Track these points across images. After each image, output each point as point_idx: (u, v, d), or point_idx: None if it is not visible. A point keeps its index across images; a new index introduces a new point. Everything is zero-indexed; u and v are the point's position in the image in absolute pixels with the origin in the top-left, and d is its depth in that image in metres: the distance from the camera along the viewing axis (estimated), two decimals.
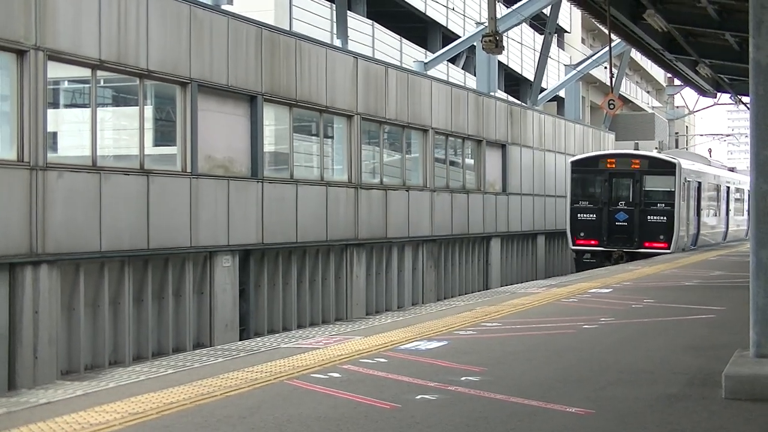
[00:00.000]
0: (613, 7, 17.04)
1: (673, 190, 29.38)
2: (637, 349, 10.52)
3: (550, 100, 37.89)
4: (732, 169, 46.06)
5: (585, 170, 29.89)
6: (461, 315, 14.30)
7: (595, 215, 29.23)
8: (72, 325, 12.41)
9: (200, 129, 14.81)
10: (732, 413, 7.08)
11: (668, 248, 29.49)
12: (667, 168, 29.75)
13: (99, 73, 13.16)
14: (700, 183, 32.24)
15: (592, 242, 29.21)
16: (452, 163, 24.28)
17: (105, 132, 14.53)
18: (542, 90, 33.51)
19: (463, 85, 31.04)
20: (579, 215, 29.33)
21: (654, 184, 29.70)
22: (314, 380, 8.53)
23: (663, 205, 29.48)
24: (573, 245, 29.46)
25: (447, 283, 23.39)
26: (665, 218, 29.46)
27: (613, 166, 29.77)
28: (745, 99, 30.19)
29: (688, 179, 30.87)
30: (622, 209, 29.36)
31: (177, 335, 14.27)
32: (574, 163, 30.07)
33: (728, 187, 38.24)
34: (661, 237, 29.45)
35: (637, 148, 33.39)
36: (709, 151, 58.46)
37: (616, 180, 29.57)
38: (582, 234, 29.34)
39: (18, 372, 11.45)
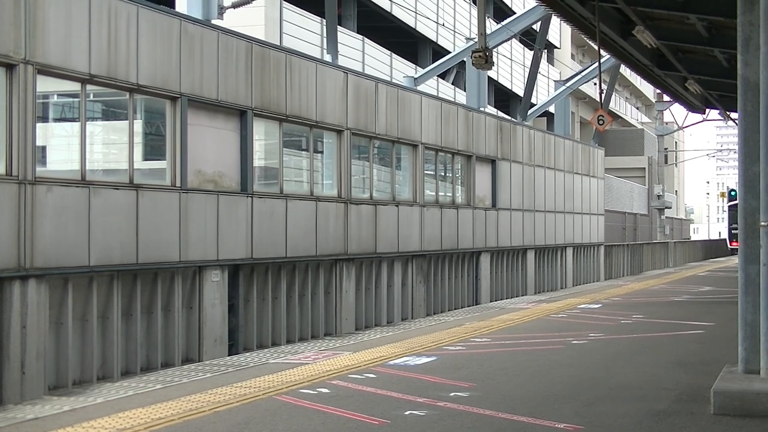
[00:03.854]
0: (603, 23, 17.10)
1: None
2: (626, 365, 10.54)
3: (539, 116, 38.00)
4: None
5: (736, 208, 57.45)
6: (450, 330, 14.32)
7: None
8: (60, 340, 12.35)
9: (190, 143, 14.79)
10: (721, 429, 7.09)
11: None
12: None
13: (89, 87, 13.13)
14: None
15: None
16: (442, 178, 24.30)
17: (94, 146, 14.50)
18: (532, 105, 33.59)
19: (452, 100, 31.10)
20: (733, 230, 56.73)
21: None
22: (303, 396, 8.52)
23: None
24: (730, 246, 59.21)
25: (436, 298, 23.36)
26: None
27: None
28: (734, 115, 30.39)
29: None
30: None
31: (166, 350, 14.22)
32: (730, 207, 59.65)
33: None
34: None
35: None
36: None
37: None
38: (735, 240, 57.21)
39: (5, 387, 11.38)
